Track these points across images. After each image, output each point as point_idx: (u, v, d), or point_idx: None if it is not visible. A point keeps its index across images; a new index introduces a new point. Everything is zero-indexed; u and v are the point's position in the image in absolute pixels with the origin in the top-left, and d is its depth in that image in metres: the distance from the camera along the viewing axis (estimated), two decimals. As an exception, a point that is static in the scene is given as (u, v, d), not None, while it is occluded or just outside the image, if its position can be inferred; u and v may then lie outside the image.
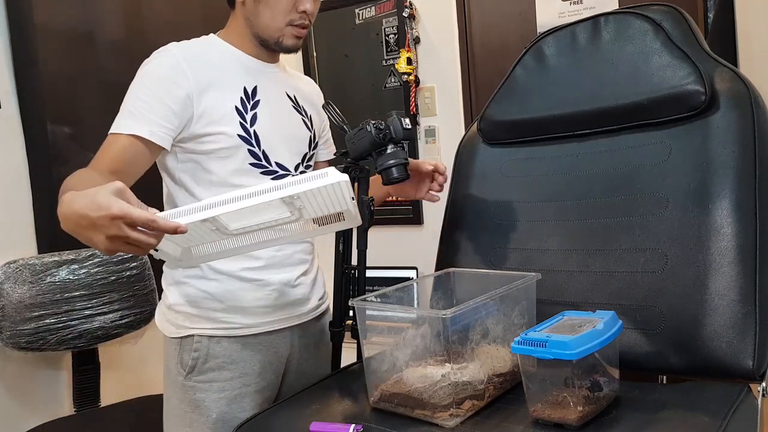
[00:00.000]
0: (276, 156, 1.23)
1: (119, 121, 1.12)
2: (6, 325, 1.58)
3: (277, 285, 1.24)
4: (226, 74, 1.20)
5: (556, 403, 0.89)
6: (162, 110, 1.11)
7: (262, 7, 1.19)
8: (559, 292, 1.17)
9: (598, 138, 1.22)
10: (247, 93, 1.21)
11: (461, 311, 0.94)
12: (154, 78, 1.13)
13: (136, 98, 1.12)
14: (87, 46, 1.93)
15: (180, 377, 1.19)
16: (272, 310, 1.23)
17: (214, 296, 1.20)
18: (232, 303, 1.20)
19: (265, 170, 1.22)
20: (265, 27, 1.21)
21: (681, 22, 1.19)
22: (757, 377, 0.97)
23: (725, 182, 1.05)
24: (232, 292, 1.20)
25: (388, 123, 1.18)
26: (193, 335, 1.19)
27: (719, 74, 1.12)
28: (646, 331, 1.05)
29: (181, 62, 1.14)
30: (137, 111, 1.11)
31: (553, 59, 1.30)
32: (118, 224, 0.80)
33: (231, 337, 1.20)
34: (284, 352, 1.27)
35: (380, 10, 2.71)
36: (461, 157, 1.43)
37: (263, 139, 1.20)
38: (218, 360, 1.19)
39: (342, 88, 2.84)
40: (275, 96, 1.26)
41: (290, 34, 1.22)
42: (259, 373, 1.22)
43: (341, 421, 0.98)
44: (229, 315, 1.20)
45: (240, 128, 1.18)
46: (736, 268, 1.00)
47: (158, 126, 1.11)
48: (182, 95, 1.13)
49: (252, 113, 1.20)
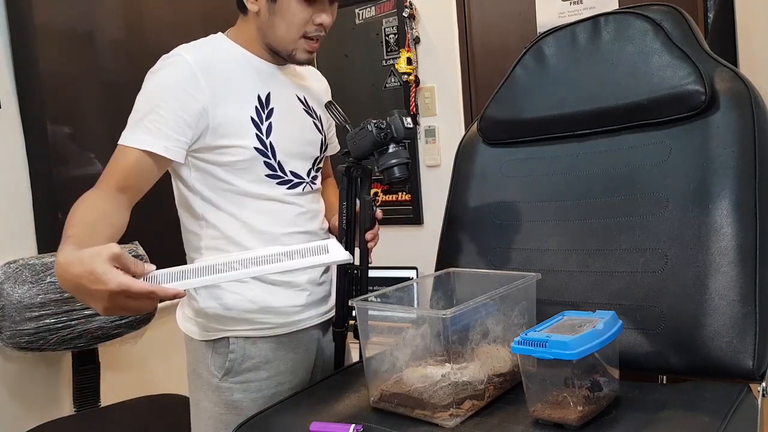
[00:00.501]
0: (291, 165, 1.23)
1: (132, 135, 1.09)
2: (6, 325, 1.58)
3: (305, 284, 1.25)
4: (240, 81, 1.18)
5: (556, 403, 0.89)
6: (177, 123, 1.09)
7: (277, 19, 1.16)
8: (559, 292, 1.17)
9: (598, 138, 1.22)
10: (261, 101, 1.20)
11: (461, 311, 0.94)
12: (167, 87, 1.10)
13: (149, 109, 1.09)
14: (87, 46, 1.93)
15: (214, 379, 1.20)
16: (302, 309, 1.25)
17: (247, 298, 1.20)
18: (265, 304, 1.21)
19: (281, 180, 1.22)
20: (280, 39, 1.18)
21: (681, 22, 1.19)
22: (757, 377, 0.97)
23: (725, 182, 1.05)
24: (265, 293, 1.21)
25: (390, 122, 1.18)
26: (227, 337, 1.19)
27: (719, 74, 1.12)
28: (646, 331, 1.05)
29: (196, 71, 1.12)
30: (151, 123, 1.08)
31: (553, 59, 1.30)
32: (116, 297, 0.82)
33: (266, 338, 1.21)
34: (312, 348, 1.29)
35: (380, 10, 2.71)
36: (461, 157, 1.43)
37: (279, 149, 1.20)
38: (254, 360, 1.20)
39: (342, 88, 2.84)
40: (287, 101, 1.25)
41: (303, 48, 1.19)
42: (292, 371, 1.24)
43: (341, 421, 0.98)
44: (263, 315, 1.21)
45: (256, 140, 1.17)
46: (736, 268, 1.00)
47: (173, 141, 1.09)
48: (198, 108, 1.11)
49: (267, 123, 1.19)
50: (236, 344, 1.19)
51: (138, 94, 1.13)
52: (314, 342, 1.30)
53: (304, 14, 1.15)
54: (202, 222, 1.20)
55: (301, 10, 1.15)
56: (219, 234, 1.19)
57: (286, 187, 1.22)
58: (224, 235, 1.19)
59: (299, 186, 1.24)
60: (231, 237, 1.19)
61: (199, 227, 1.21)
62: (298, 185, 1.24)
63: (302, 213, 1.25)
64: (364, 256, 1.32)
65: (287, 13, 1.15)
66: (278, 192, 1.21)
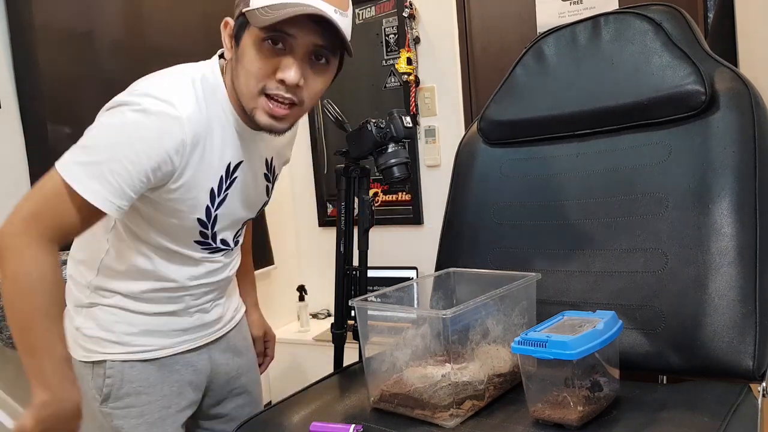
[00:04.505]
0: (222, 234, 1.11)
1: (83, 176, 0.91)
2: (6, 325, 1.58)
3: (191, 312, 1.15)
4: (219, 151, 1.02)
5: (556, 403, 0.89)
6: (139, 183, 0.93)
7: (240, 67, 0.96)
8: (559, 292, 1.17)
9: (598, 138, 1.22)
10: (228, 171, 1.05)
11: (461, 311, 0.94)
12: (148, 143, 0.92)
13: (115, 155, 0.91)
14: (87, 46, 1.93)
15: (96, 403, 1.09)
16: (186, 332, 1.15)
17: (125, 320, 1.09)
18: (145, 327, 1.10)
19: (207, 247, 1.10)
20: (241, 93, 0.98)
21: (681, 22, 1.19)
22: (757, 377, 0.97)
23: (725, 182, 1.05)
24: (145, 318, 1.10)
25: (389, 122, 1.18)
26: (105, 360, 1.08)
27: (719, 74, 1.12)
28: (646, 331, 1.05)
29: (187, 145, 0.96)
30: (111, 175, 0.91)
31: (553, 59, 1.30)
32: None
33: (146, 361, 1.10)
34: (203, 367, 1.18)
35: (380, 10, 2.71)
36: (461, 157, 1.43)
37: (221, 220, 1.08)
38: (134, 385, 1.09)
39: (342, 88, 2.84)
40: (253, 169, 1.11)
41: (262, 107, 0.96)
42: (179, 394, 1.13)
43: (341, 421, 0.98)
44: (143, 338, 1.10)
45: (204, 213, 1.04)
46: (736, 268, 1.00)
47: (128, 200, 0.94)
48: (168, 170, 0.96)
49: (224, 194, 1.06)
50: (113, 368, 1.08)
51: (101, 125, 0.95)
52: (205, 360, 1.18)
53: (260, 64, 0.94)
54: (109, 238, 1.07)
55: (258, 58, 0.94)
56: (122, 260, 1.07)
57: (208, 252, 1.11)
58: (128, 262, 1.07)
59: (221, 252, 1.14)
60: (135, 266, 1.07)
61: (105, 241, 1.07)
62: (221, 251, 1.13)
63: (215, 270, 1.14)
64: (363, 257, 1.32)
65: (244, 58, 0.95)
66: (199, 254, 1.10)
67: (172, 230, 1.05)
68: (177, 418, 1.13)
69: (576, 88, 1.24)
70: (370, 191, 1.31)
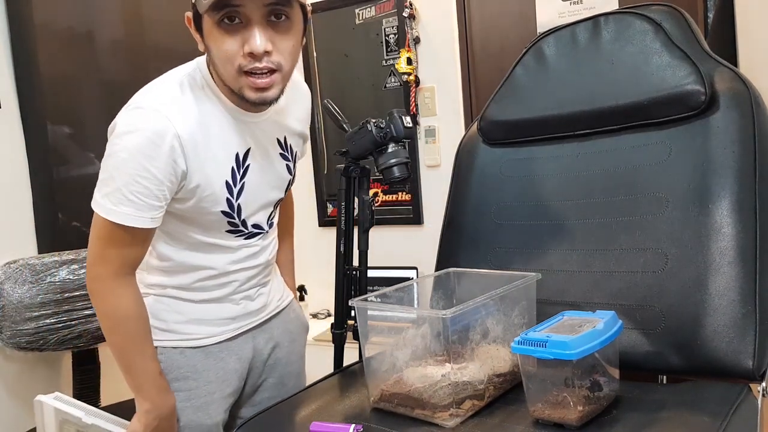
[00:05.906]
0: (253, 219, 1.17)
1: (111, 206, 1.00)
2: (6, 325, 1.58)
3: (238, 300, 1.21)
4: (221, 143, 1.07)
5: (556, 403, 0.89)
6: (160, 192, 1.02)
7: (213, 56, 1.01)
8: (559, 292, 1.17)
9: (598, 138, 1.22)
10: (239, 160, 1.10)
11: (461, 311, 0.94)
12: (148, 155, 0.99)
13: (127, 177, 0.99)
14: (87, 46, 1.93)
15: None
16: (233, 321, 1.21)
17: (174, 308, 1.17)
18: (194, 316, 1.18)
19: (241, 234, 1.17)
20: (225, 79, 1.02)
21: (681, 22, 1.19)
22: (757, 377, 0.97)
23: (725, 182, 1.05)
24: (194, 307, 1.18)
25: (389, 122, 1.18)
26: (156, 347, 1.15)
27: (719, 74, 1.12)
28: (646, 331, 1.05)
29: (176, 148, 1.01)
30: (132, 195, 0.99)
31: (554, 59, 1.30)
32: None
33: (194, 348, 1.18)
34: (246, 354, 1.24)
35: (380, 10, 2.71)
36: (461, 157, 1.43)
37: (245, 209, 1.14)
38: (182, 370, 1.17)
39: (342, 88, 2.84)
40: (265, 152, 1.16)
41: (247, 86, 0.99)
42: (223, 380, 1.20)
43: (341, 421, 0.98)
44: (191, 326, 1.18)
45: (225, 205, 1.11)
46: (736, 268, 1.00)
47: (157, 209, 1.03)
48: (179, 172, 1.03)
49: (240, 184, 1.11)
50: (164, 354, 1.16)
51: (108, 156, 1.02)
52: (248, 347, 1.24)
53: (226, 45, 0.97)
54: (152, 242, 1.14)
55: (222, 41, 0.97)
56: (165, 259, 1.15)
57: (243, 238, 1.18)
58: (171, 260, 1.15)
59: (258, 236, 1.20)
60: (178, 262, 1.15)
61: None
62: (257, 235, 1.20)
63: (254, 253, 1.20)
64: (363, 257, 1.32)
65: (212, 45, 0.99)
66: (235, 242, 1.17)
67: (204, 226, 1.12)
68: (221, 404, 1.19)
69: (576, 88, 1.24)
70: (370, 191, 1.31)
